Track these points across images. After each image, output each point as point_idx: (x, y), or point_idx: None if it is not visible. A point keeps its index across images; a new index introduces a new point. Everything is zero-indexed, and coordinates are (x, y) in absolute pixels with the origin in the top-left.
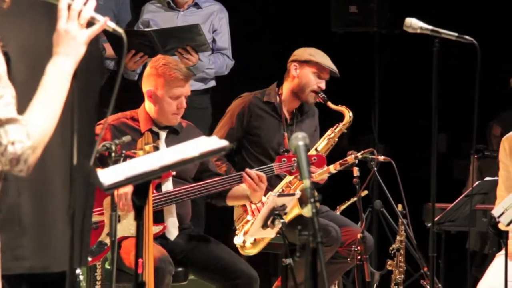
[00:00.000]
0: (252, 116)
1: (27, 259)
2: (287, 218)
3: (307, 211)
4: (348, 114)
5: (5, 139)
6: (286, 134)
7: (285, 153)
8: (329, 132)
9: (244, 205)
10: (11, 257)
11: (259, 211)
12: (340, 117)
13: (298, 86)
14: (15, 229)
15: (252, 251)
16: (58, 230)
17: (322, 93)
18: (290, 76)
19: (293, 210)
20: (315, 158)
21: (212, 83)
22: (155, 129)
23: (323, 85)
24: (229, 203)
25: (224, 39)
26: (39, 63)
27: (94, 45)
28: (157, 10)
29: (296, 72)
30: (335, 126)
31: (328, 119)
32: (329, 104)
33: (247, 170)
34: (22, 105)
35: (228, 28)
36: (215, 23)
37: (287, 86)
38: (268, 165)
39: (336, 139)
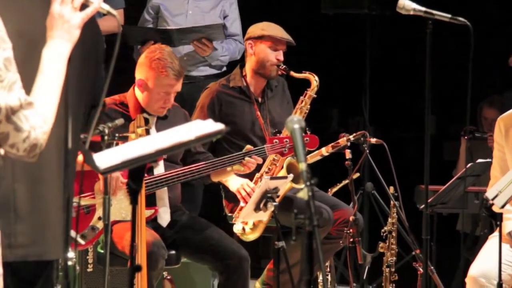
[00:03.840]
0: (223, 104)
1: (21, 247)
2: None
3: (303, 194)
4: (314, 79)
5: (27, 125)
6: (259, 113)
7: (277, 134)
8: (299, 101)
9: (229, 200)
10: (4, 244)
11: (250, 197)
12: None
13: (258, 63)
14: (9, 216)
15: (253, 236)
16: (53, 217)
17: (282, 65)
18: (248, 55)
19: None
20: (307, 139)
21: (224, 69)
22: (145, 115)
23: (281, 56)
24: (214, 179)
25: (235, 25)
26: (33, 47)
27: (90, 29)
28: None
29: (252, 50)
30: (304, 94)
31: (295, 87)
32: (292, 73)
33: (248, 159)
34: None
35: (238, 13)
36: (226, 8)
37: (248, 66)
38: (260, 147)
39: (308, 106)
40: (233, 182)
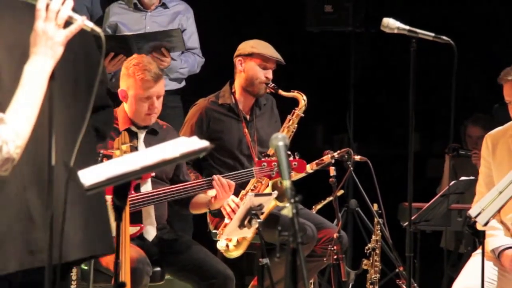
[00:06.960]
0: (211, 121)
1: (42, 251)
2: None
3: (287, 212)
4: (302, 98)
5: None
6: (247, 131)
7: (266, 157)
8: (287, 120)
9: (214, 215)
10: (24, 251)
11: (235, 213)
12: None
13: (246, 81)
14: (25, 224)
15: (236, 253)
16: (70, 219)
17: (271, 83)
18: (238, 72)
19: (270, 203)
20: (296, 163)
21: (183, 83)
22: (133, 128)
23: (270, 75)
24: (192, 210)
25: (193, 39)
26: (23, 62)
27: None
28: (123, 12)
29: (242, 67)
30: (291, 113)
31: (283, 106)
32: (281, 92)
33: (219, 176)
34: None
35: (195, 27)
36: (183, 22)
37: (237, 83)
38: (248, 169)
39: (296, 125)
40: None
